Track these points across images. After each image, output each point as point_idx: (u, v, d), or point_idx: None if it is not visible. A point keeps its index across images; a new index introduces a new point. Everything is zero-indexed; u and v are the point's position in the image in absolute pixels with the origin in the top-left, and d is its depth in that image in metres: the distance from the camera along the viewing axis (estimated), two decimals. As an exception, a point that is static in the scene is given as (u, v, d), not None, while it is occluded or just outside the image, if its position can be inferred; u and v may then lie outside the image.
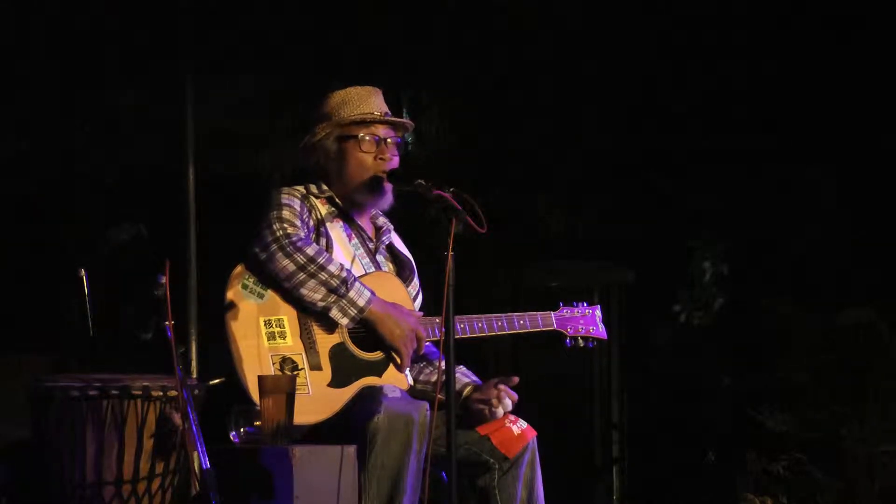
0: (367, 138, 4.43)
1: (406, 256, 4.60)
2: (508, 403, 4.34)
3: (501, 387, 4.35)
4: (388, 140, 4.45)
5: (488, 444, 4.35)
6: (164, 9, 6.17)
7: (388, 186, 4.44)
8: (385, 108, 4.48)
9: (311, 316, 4.25)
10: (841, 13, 6.88)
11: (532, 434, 4.37)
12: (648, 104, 7.17)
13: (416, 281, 4.55)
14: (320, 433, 4.16)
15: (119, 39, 6.32)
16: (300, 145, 4.51)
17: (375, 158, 4.43)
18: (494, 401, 4.33)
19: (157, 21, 6.23)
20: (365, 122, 4.43)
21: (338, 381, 4.23)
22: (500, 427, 4.35)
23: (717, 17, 7.00)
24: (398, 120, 4.50)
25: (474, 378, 4.46)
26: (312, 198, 4.42)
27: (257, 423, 4.04)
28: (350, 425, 4.12)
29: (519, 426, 4.37)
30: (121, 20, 6.30)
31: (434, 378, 4.46)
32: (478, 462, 4.35)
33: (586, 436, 7.12)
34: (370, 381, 4.27)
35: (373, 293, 4.26)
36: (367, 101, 4.45)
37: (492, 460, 4.34)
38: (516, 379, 4.36)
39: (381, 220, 4.57)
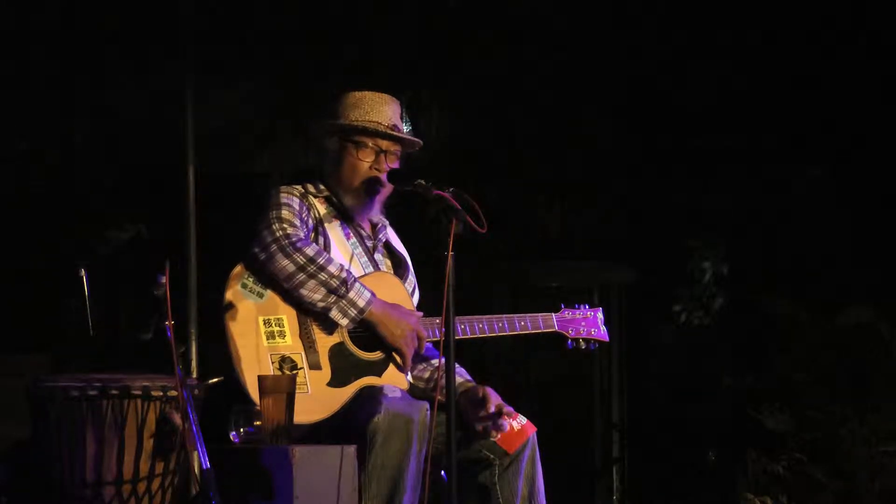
0: (369, 146, 4.40)
1: (401, 253, 4.59)
2: (504, 424, 4.33)
3: (497, 403, 4.32)
4: (389, 152, 4.41)
5: (489, 440, 4.35)
6: (165, 9, 6.17)
7: (378, 196, 4.40)
8: (396, 121, 4.42)
9: (311, 315, 4.25)
10: (841, 13, 6.87)
11: (532, 430, 4.37)
12: (648, 104, 7.16)
13: (411, 278, 4.55)
14: (320, 433, 4.16)
15: (120, 39, 6.32)
16: (308, 135, 4.50)
17: (371, 168, 4.40)
18: (491, 424, 4.32)
19: (157, 21, 6.23)
20: (367, 131, 4.39)
21: (337, 381, 4.23)
22: (500, 423, 4.36)
23: (718, 16, 6.99)
24: (405, 137, 4.44)
25: (467, 376, 4.45)
26: (311, 197, 4.41)
27: (257, 423, 4.04)
28: (350, 425, 4.12)
29: (519, 421, 4.37)
30: (121, 20, 6.30)
31: (426, 375, 4.47)
32: (478, 458, 4.35)
33: (586, 436, 7.11)
34: (370, 380, 4.27)
35: (373, 294, 4.26)
36: (379, 110, 4.40)
37: (492, 456, 4.35)
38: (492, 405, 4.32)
39: (377, 217, 4.55)
